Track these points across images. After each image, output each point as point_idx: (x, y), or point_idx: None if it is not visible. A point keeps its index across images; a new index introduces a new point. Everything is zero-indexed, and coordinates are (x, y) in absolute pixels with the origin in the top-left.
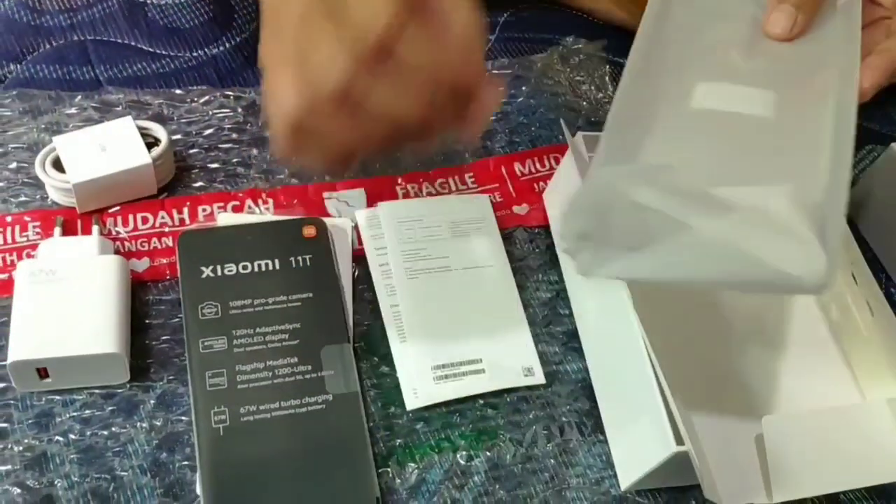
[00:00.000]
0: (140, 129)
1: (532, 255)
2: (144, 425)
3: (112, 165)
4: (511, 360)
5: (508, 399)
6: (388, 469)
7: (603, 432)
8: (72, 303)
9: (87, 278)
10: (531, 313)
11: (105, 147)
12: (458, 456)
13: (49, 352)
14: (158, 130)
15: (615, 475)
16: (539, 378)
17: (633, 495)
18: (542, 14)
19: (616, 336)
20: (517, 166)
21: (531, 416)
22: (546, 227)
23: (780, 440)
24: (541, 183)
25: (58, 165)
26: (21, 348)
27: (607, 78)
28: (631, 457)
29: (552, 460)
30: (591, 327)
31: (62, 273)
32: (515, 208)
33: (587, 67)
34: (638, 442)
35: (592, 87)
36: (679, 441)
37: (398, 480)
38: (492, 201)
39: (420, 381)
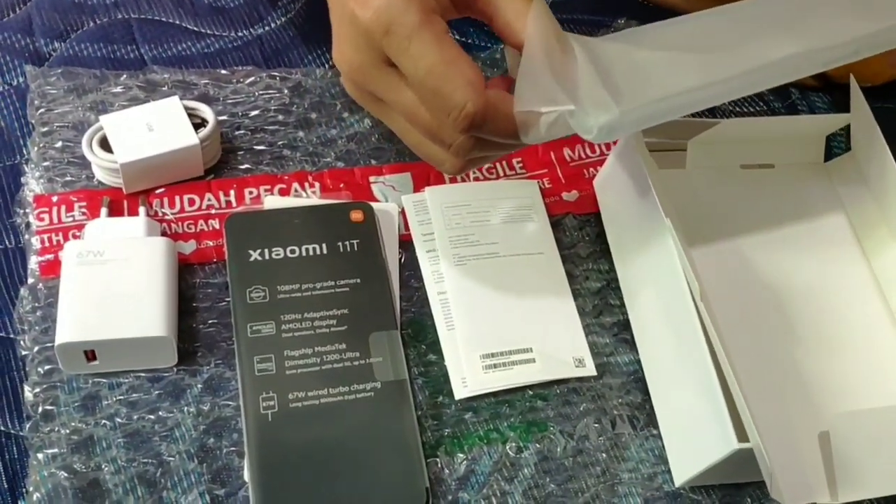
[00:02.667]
0: (187, 109)
1: (582, 243)
2: (192, 410)
3: (159, 146)
4: (562, 350)
5: (558, 390)
6: (437, 459)
7: (656, 426)
8: (120, 285)
9: (136, 260)
10: (581, 303)
11: (152, 127)
12: (507, 447)
13: (97, 334)
14: (205, 111)
15: (668, 470)
16: (590, 369)
17: (686, 491)
18: None
19: (674, 328)
20: (566, 152)
21: (582, 409)
22: (596, 215)
23: (848, 438)
24: (591, 169)
25: (104, 145)
26: (69, 330)
27: None
28: (687, 452)
29: (604, 454)
30: (645, 318)
31: (110, 254)
32: (565, 195)
33: None
34: (695, 437)
35: None
36: (741, 437)
37: (447, 471)
38: (540, 187)
39: (469, 369)
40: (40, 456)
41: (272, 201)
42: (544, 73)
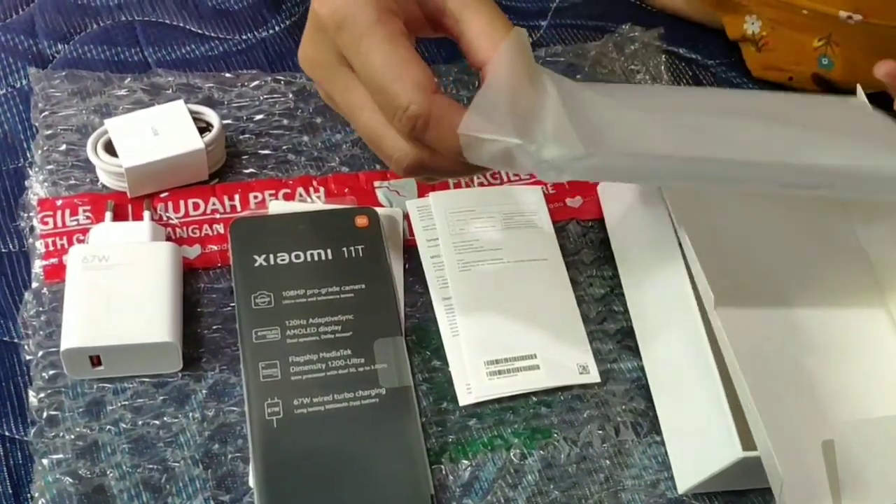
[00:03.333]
0: (192, 113)
1: (585, 250)
2: (196, 415)
3: (165, 150)
4: (566, 356)
5: (562, 397)
6: (441, 466)
7: (659, 433)
8: (125, 290)
9: (141, 265)
10: (584, 309)
11: (157, 131)
12: (511, 454)
13: (103, 339)
14: (210, 115)
15: (671, 477)
16: (594, 376)
17: (689, 498)
18: (595, 0)
19: (678, 335)
20: None
21: (585, 416)
22: (600, 221)
23: (852, 447)
24: None
25: (109, 149)
26: (75, 336)
27: (662, 67)
28: (690, 459)
29: (607, 461)
30: (650, 325)
31: (115, 259)
32: (569, 201)
33: (642, 56)
34: (699, 444)
35: (647, 77)
36: (745, 445)
37: (451, 477)
38: (544, 193)
39: (473, 376)
40: (45, 461)
41: (277, 206)
42: (500, 102)
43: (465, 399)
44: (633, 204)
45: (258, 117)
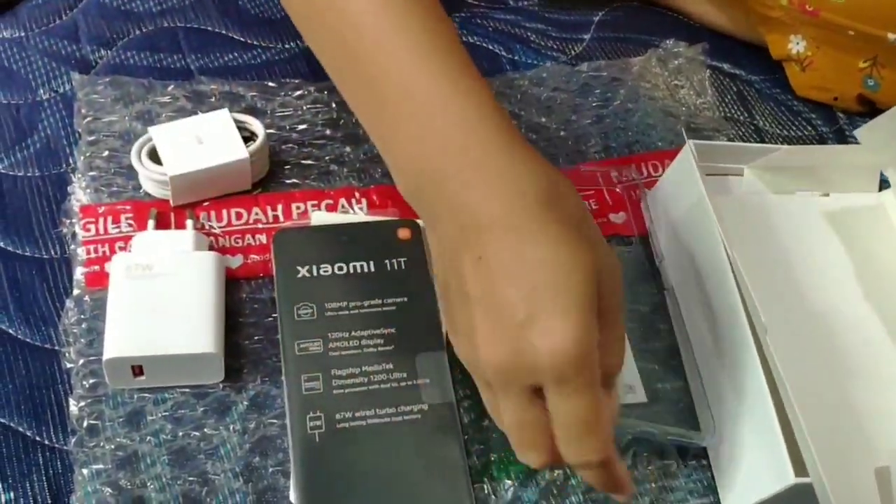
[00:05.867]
0: (236, 122)
1: (629, 266)
2: (237, 427)
3: (209, 159)
4: None
5: None
6: (483, 484)
7: (705, 457)
8: (168, 299)
9: (184, 275)
10: (629, 327)
11: (202, 140)
12: (555, 474)
13: (146, 350)
14: (255, 124)
15: (717, 502)
16: (640, 396)
17: None
18: (638, 14)
19: (728, 357)
20: (613, 173)
21: (630, 437)
22: (644, 237)
23: None
24: (638, 191)
25: (153, 156)
26: (118, 345)
27: (707, 83)
28: (738, 484)
29: (652, 484)
30: (699, 347)
31: (158, 268)
32: (612, 216)
33: (686, 71)
34: (748, 469)
35: (692, 92)
36: (798, 472)
37: (493, 497)
38: (587, 209)
39: None
40: (85, 471)
41: (319, 217)
42: None
43: None
44: (683, 222)
45: (301, 127)
